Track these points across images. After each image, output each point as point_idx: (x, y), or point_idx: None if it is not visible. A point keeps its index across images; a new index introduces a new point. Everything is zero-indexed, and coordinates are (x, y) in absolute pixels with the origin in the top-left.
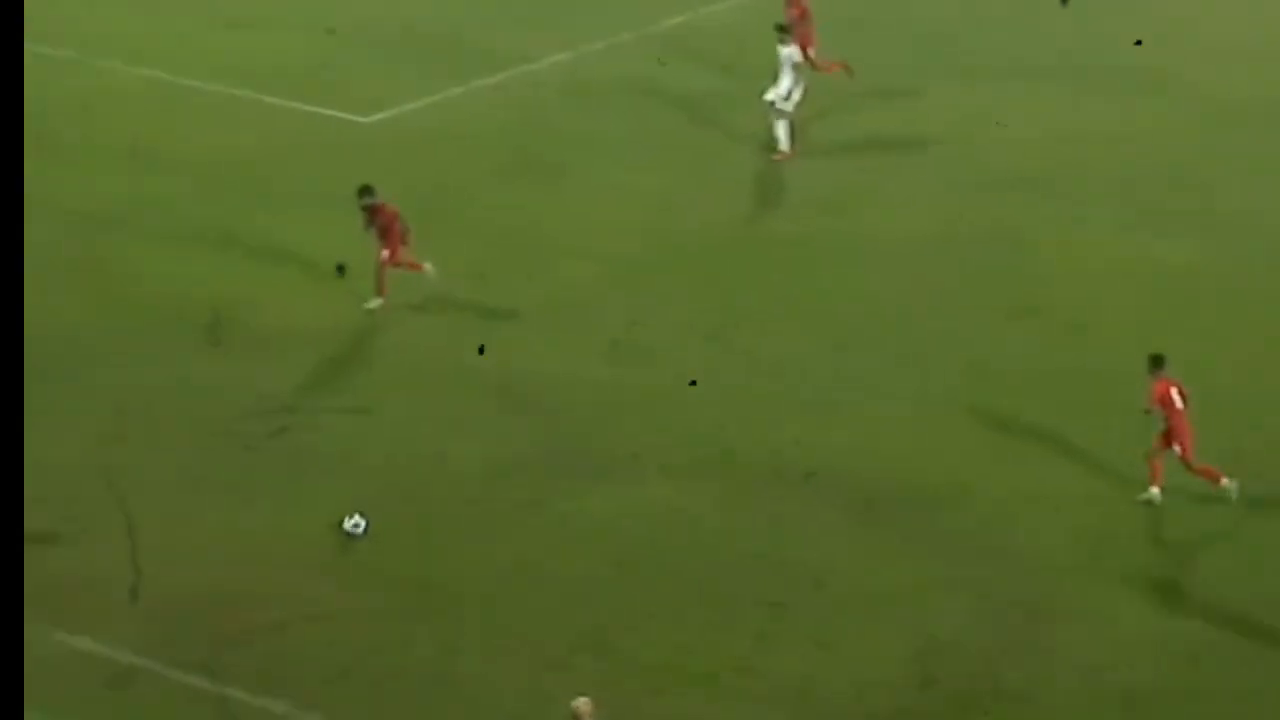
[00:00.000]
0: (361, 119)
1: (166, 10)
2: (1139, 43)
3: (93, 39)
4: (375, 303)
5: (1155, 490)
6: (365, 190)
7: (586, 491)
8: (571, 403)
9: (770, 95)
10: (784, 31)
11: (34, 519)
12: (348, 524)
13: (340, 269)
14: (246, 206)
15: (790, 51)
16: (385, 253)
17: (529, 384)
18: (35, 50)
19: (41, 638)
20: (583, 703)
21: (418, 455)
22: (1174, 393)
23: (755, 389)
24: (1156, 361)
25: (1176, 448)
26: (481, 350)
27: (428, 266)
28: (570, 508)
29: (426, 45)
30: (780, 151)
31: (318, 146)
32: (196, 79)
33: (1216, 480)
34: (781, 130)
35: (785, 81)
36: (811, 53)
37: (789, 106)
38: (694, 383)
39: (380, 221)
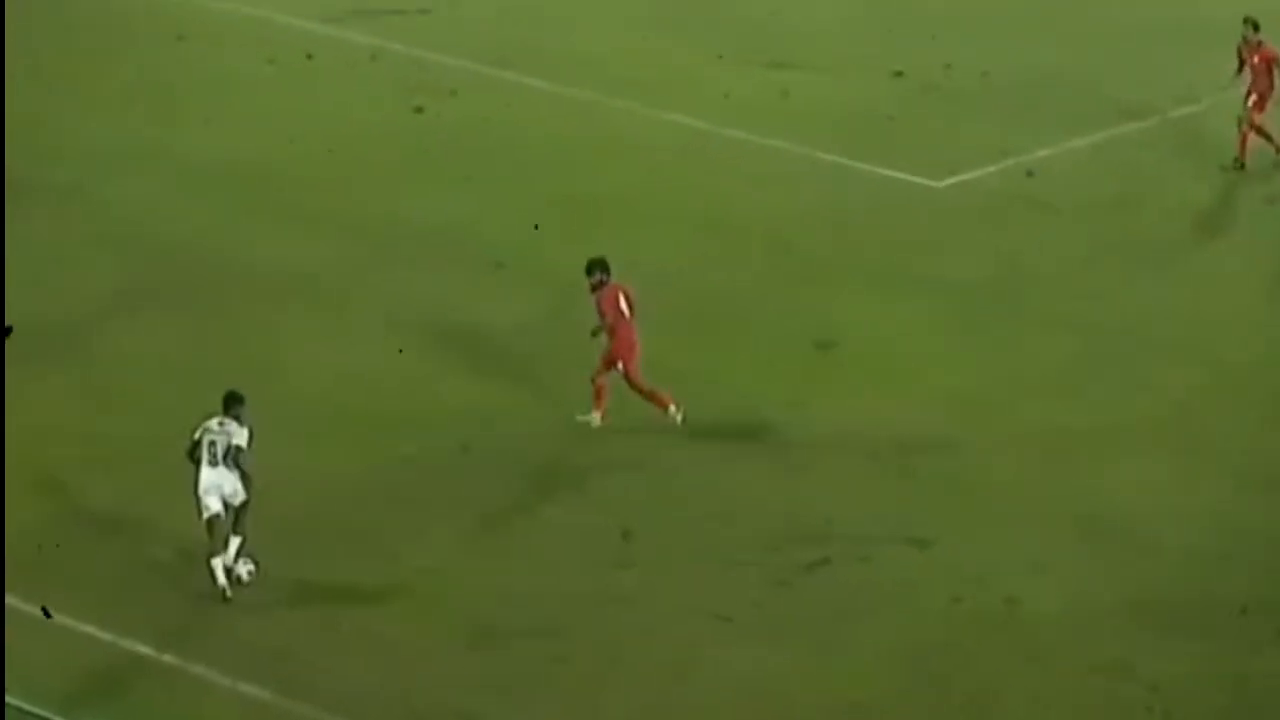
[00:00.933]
0: (931, 183)
1: (696, 46)
2: None
3: (612, 79)
4: (591, 417)
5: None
6: (595, 265)
7: (1180, 653)
8: (1176, 545)
9: None
10: None
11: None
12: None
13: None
14: (779, 281)
15: None
16: (612, 360)
17: (1124, 517)
18: (551, 90)
19: None
20: None
21: (984, 599)
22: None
23: None
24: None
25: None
26: None
27: (673, 409)
28: (1160, 673)
29: (1008, 96)
30: None
31: (874, 212)
32: (729, 126)
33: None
34: None
35: None
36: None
37: None
38: None
39: (602, 309)
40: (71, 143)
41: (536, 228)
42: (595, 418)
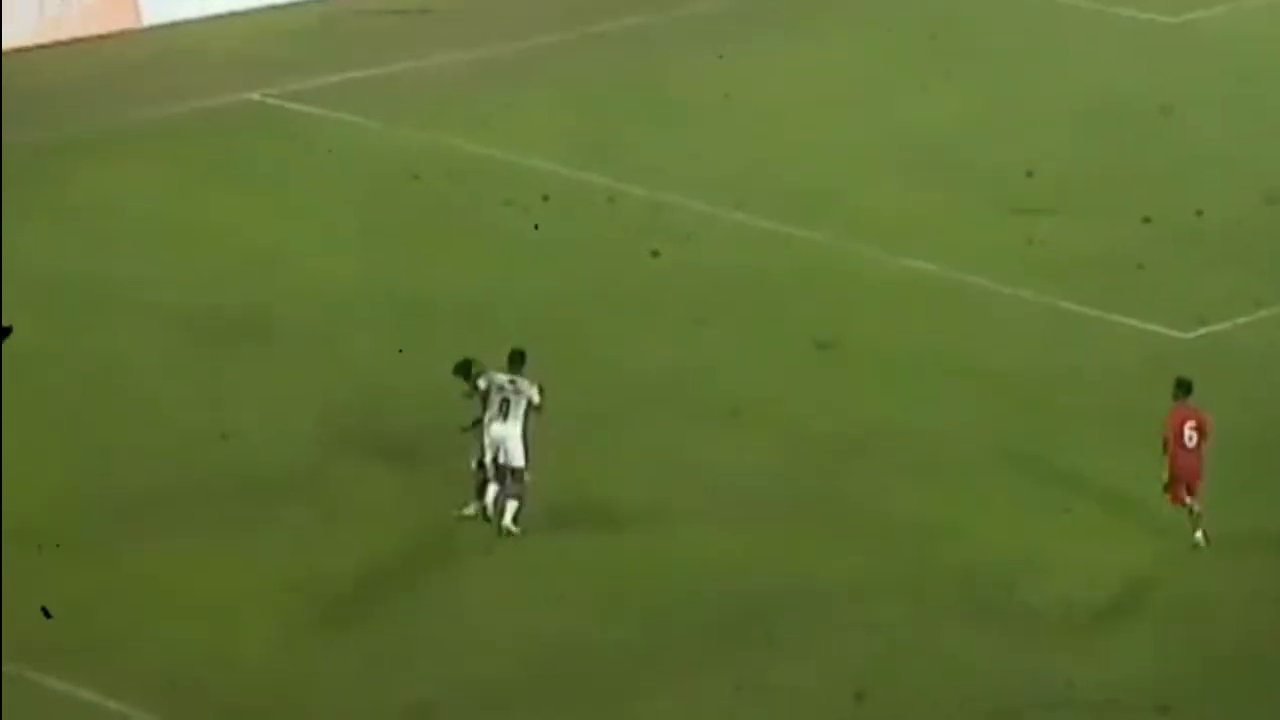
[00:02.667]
0: (1179, 334)
1: (935, 188)
2: None
3: (849, 220)
4: None
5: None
6: None
7: None
8: None
9: None
10: None
11: None
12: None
13: None
14: (1021, 434)
15: None
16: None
17: None
18: (787, 231)
19: None
20: None
21: None
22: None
23: None
24: None
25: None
26: None
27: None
28: None
29: (1264, 242)
30: None
31: (1116, 365)
32: (971, 273)
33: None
34: None
35: None
36: None
37: None
38: None
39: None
40: (309, 282)
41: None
42: None
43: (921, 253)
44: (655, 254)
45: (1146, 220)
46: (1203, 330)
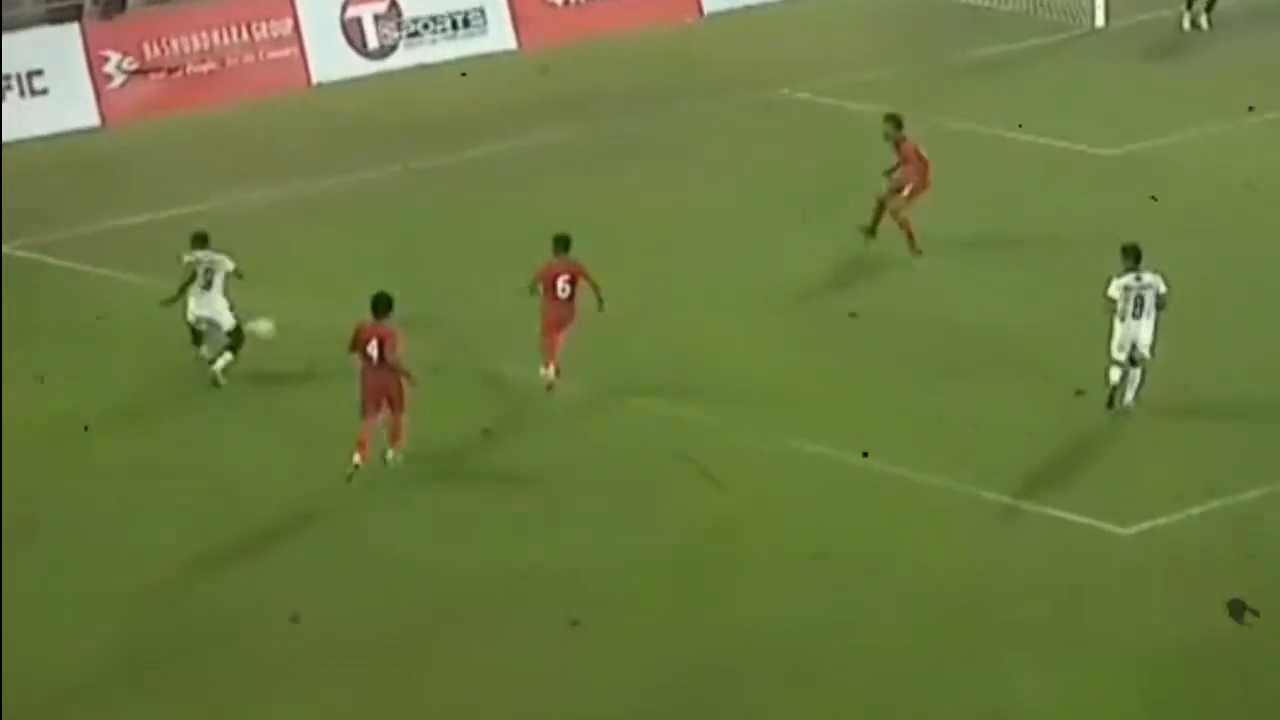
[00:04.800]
0: (1117, 529)
1: (822, 351)
2: None
3: (716, 389)
4: None
5: None
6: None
7: None
8: None
9: None
10: None
11: None
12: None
13: None
14: (937, 640)
15: None
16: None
17: None
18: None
19: None
20: None
21: None
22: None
23: None
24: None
25: None
26: None
27: None
28: None
29: (1218, 423)
30: None
31: (1045, 563)
32: (881, 458)
33: None
34: None
35: None
36: None
37: None
38: None
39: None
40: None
41: None
42: None
43: (811, 430)
44: (487, 431)
45: (1079, 393)
46: (1145, 524)
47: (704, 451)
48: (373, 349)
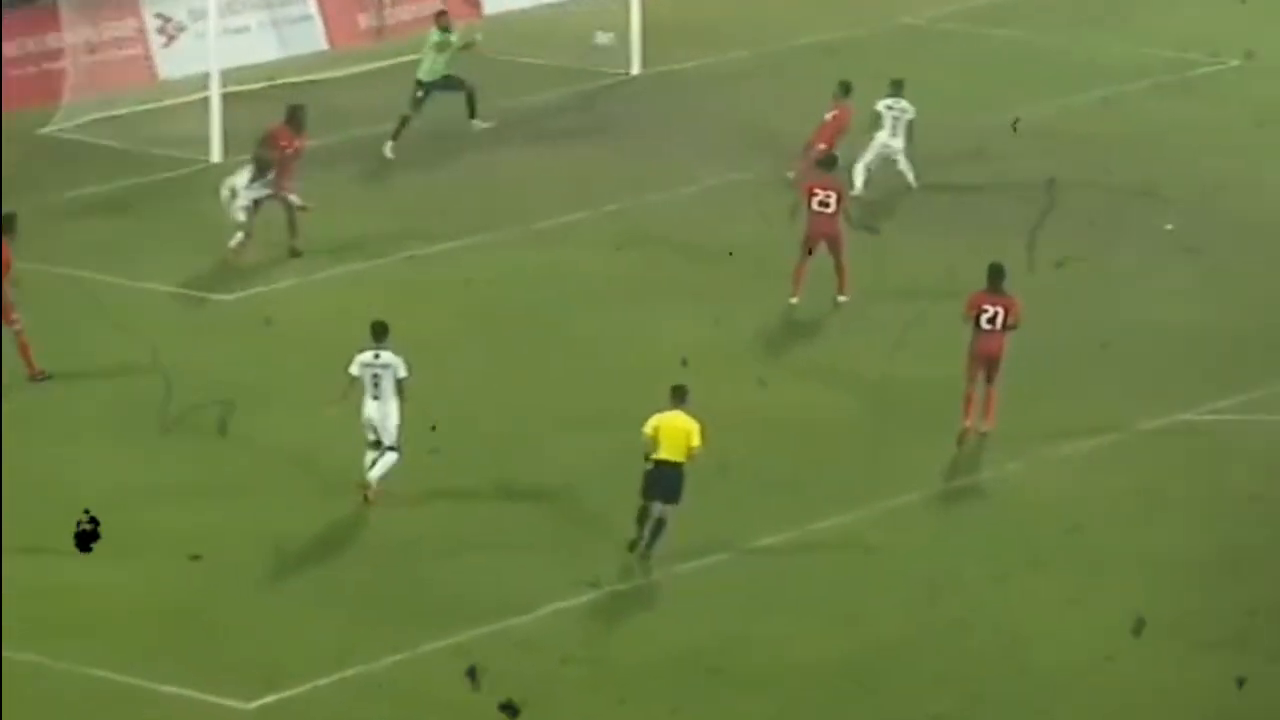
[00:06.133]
0: (240, 704)
1: None
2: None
3: None
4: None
5: None
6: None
7: None
8: None
9: None
10: None
11: None
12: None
13: None
14: None
15: None
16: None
17: None
18: None
19: None
20: None
21: None
22: None
23: None
24: None
25: None
26: None
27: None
28: None
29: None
30: None
31: None
32: None
33: None
34: None
35: None
36: None
37: None
38: None
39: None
40: None
41: None
42: None
43: None
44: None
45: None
46: (271, 698)
47: None
48: None
